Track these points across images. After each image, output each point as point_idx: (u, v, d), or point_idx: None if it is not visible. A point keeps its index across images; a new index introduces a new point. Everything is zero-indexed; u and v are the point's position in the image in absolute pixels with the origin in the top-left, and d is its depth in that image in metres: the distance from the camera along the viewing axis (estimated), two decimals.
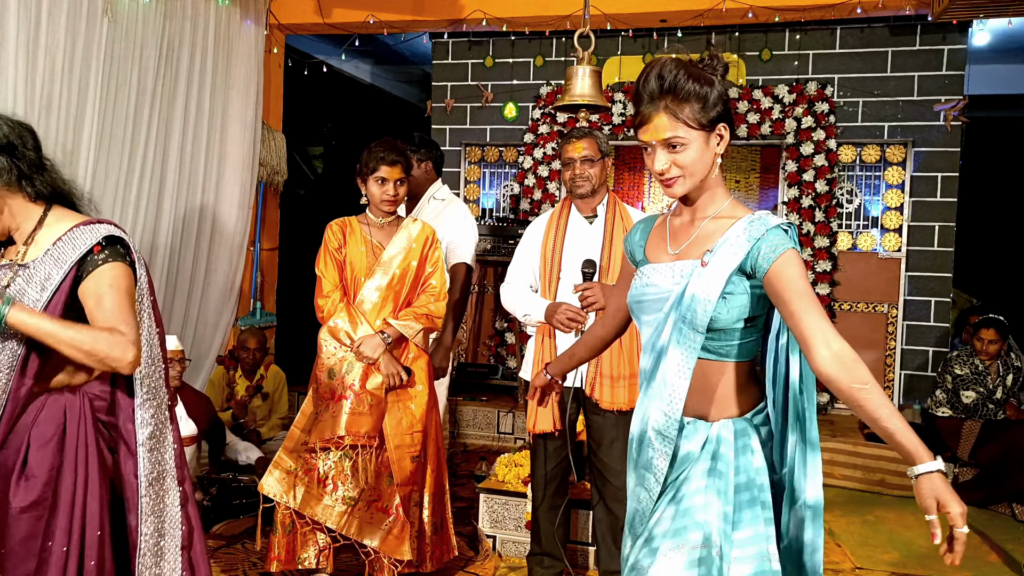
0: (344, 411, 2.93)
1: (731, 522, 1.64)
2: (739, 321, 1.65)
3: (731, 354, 1.69)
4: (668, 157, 1.66)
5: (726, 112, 1.67)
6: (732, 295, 1.64)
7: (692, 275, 1.66)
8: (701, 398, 1.72)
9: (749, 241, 1.62)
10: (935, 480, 1.46)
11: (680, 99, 1.63)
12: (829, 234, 5.80)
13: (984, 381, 4.77)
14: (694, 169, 1.66)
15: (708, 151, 1.66)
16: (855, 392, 1.50)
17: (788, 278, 1.56)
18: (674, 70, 1.64)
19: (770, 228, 1.62)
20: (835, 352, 1.50)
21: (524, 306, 3.01)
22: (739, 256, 1.62)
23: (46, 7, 3.79)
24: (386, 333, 2.97)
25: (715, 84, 1.65)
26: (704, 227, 1.71)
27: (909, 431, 1.49)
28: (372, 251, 3.04)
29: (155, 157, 4.62)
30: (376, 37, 6.41)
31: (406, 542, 2.93)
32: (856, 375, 1.50)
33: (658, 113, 1.64)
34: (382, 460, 2.97)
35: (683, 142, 1.64)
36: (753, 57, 6.01)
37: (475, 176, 6.61)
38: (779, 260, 1.57)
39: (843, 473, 4.86)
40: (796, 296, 1.55)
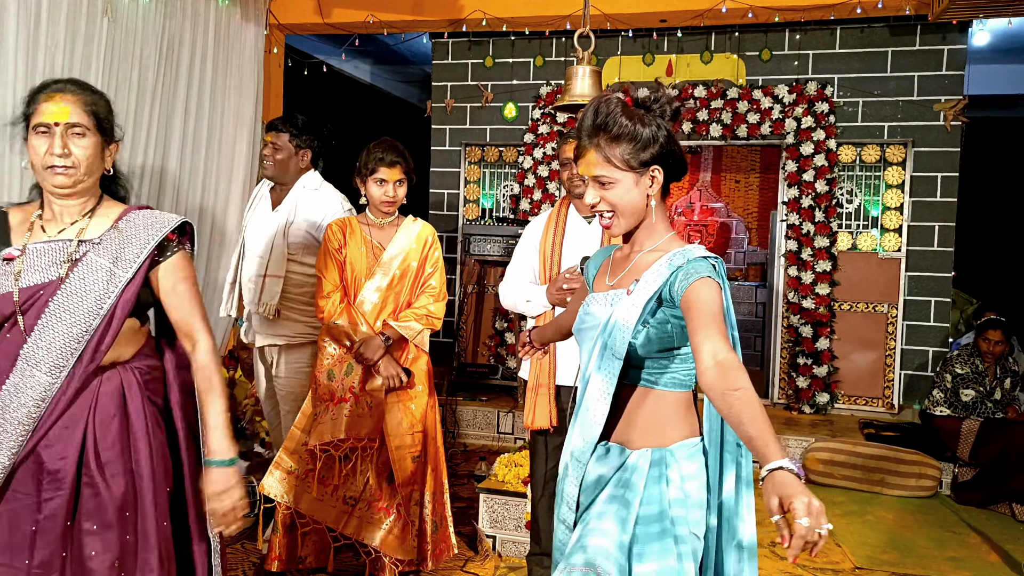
0: (344, 414, 2.93)
1: (628, 552, 1.61)
2: (662, 349, 1.65)
3: (660, 382, 1.68)
4: (598, 192, 1.67)
5: (664, 154, 1.65)
6: (656, 323, 1.64)
7: (617, 303, 1.67)
8: (627, 425, 1.71)
9: (669, 269, 1.62)
10: (777, 477, 1.37)
11: (611, 138, 1.63)
12: (829, 234, 5.80)
13: (983, 381, 4.77)
14: (623, 208, 1.67)
15: (638, 191, 1.66)
16: (727, 396, 1.47)
17: (697, 300, 1.56)
18: (608, 109, 1.64)
19: (691, 259, 1.62)
20: (719, 361, 1.48)
21: (525, 294, 2.99)
22: (658, 284, 1.62)
23: (46, 6, 3.79)
24: (386, 335, 2.97)
25: (650, 125, 1.64)
26: (638, 260, 1.72)
27: (767, 434, 1.42)
28: (372, 251, 3.04)
29: (155, 157, 4.62)
30: (376, 37, 6.41)
31: (407, 541, 2.93)
32: (731, 381, 1.47)
33: (589, 149, 1.66)
34: (383, 460, 2.97)
35: (610, 181, 1.65)
36: (753, 57, 6.01)
37: (475, 176, 6.61)
38: (693, 285, 1.57)
39: (843, 473, 4.86)
40: (699, 315, 1.55)
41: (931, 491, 4.72)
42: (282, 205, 3.36)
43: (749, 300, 8.22)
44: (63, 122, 1.77)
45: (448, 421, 5.60)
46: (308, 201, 3.36)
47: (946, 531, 4.19)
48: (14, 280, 1.76)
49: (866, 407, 5.84)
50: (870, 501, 4.63)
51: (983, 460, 4.59)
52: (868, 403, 5.85)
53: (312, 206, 3.35)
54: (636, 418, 1.71)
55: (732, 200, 9.53)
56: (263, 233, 3.36)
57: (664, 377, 1.68)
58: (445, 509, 3.16)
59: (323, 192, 3.43)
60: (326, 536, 3.05)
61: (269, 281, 3.29)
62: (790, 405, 5.88)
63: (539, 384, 2.93)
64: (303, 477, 2.97)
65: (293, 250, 3.31)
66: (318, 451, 2.94)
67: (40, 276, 1.78)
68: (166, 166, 4.71)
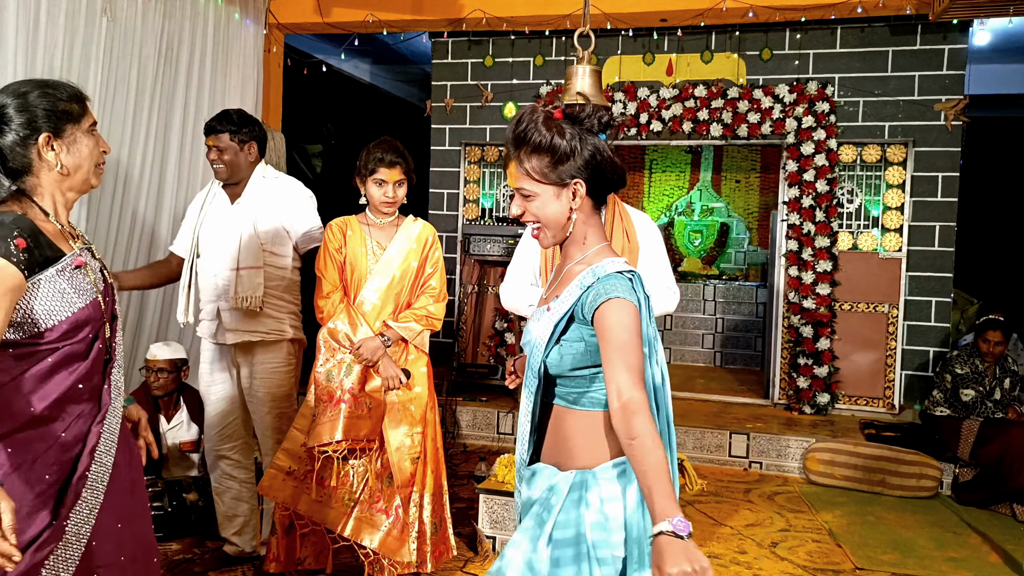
0: (342, 415, 2.92)
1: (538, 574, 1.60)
2: (577, 368, 1.62)
3: (580, 402, 1.64)
4: (521, 204, 1.66)
5: (588, 168, 1.62)
6: (567, 341, 1.61)
7: (540, 319, 1.67)
8: (555, 445, 1.69)
9: (580, 288, 1.60)
10: (659, 543, 1.36)
11: (530, 150, 1.62)
12: (830, 234, 5.79)
13: (983, 381, 4.77)
14: (546, 221, 1.65)
15: (559, 205, 1.64)
16: (626, 444, 1.47)
17: (606, 327, 1.54)
18: (527, 121, 1.61)
19: (602, 277, 1.59)
20: (623, 404, 1.47)
21: (527, 298, 2.99)
22: (569, 303, 1.61)
23: (45, 6, 3.78)
24: (386, 336, 2.96)
25: (572, 139, 1.60)
26: (565, 274, 1.69)
27: (660, 489, 1.41)
28: (372, 252, 3.03)
29: (154, 156, 4.61)
30: (376, 36, 6.40)
31: (406, 543, 2.92)
32: (628, 429, 1.46)
33: (512, 161, 1.65)
34: (382, 462, 2.97)
35: (528, 193, 1.64)
36: (753, 56, 6.01)
37: (475, 176, 6.60)
38: (600, 308, 1.55)
39: (843, 473, 4.86)
40: (608, 345, 1.53)
41: (932, 491, 4.71)
42: (242, 198, 3.25)
43: (749, 300, 8.22)
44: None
45: (448, 421, 5.59)
46: (272, 191, 3.27)
47: (947, 531, 4.19)
48: (94, 286, 1.74)
49: (867, 407, 5.84)
50: (871, 501, 4.63)
51: (983, 460, 4.59)
52: (869, 403, 5.84)
53: (278, 195, 3.26)
54: (559, 439, 1.68)
55: (733, 200, 9.52)
56: (226, 228, 3.23)
57: (583, 397, 1.64)
58: (444, 511, 3.15)
59: (284, 180, 3.34)
60: (325, 537, 3.04)
61: (247, 273, 3.17)
62: (791, 405, 5.87)
63: None
64: (302, 478, 2.97)
65: (264, 240, 3.21)
66: (316, 452, 2.93)
67: (100, 282, 1.78)
68: (165, 165, 4.71)
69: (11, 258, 1.59)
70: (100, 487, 1.75)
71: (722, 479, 4.96)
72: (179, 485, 3.77)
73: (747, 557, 3.76)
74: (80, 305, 1.70)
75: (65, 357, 1.69)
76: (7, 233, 1.60)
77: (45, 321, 1.66)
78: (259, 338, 3.23)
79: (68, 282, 1.69)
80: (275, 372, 3.26)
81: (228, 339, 3.23)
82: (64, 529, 1.67)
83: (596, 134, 1.65)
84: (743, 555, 3.78)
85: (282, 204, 3.25)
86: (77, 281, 1.71)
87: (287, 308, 3.29)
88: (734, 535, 4.03)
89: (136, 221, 4.53)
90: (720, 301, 8.26)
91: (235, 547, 3.38)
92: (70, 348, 1.69)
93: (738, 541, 3.96)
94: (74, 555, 1.69)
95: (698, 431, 5.30)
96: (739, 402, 6.18)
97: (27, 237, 1.62)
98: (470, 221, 6.54)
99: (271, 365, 3.25)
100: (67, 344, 1.69)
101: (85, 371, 1.71)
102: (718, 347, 8.12)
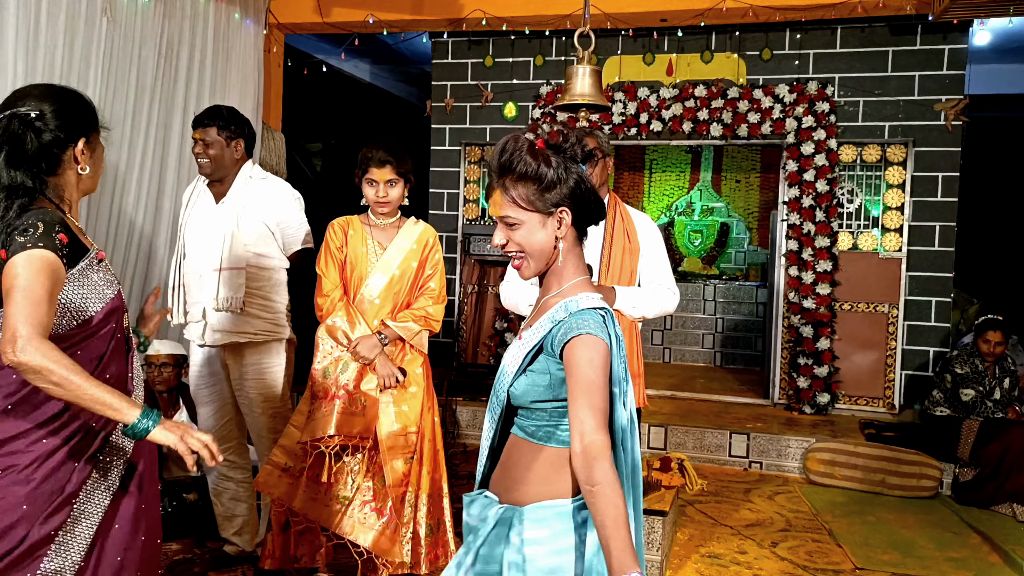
0: (335, 411, 2.91)
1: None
2: (539, 400, 1.59)
3: (537, 435, 1.61)
4: (505, 233, 1.64)
5: (573, 197, 1.61)
6: (533, 372, 1.60)
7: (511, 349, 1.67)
8: (503, 474, 1.67)
9: (551, 322, 1.59)
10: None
11: (516, 178, 1.60)
12: (830, 234, 5.79)
13: (983, 381, 4.77)
14: (531, 250, 1.63)
15: (545, 233, 1.62)
16: (584, 492, 1.45)
17: (573, 363, 1.51)
18: (513, 149, 1.60)
19: (574, 312, 1.57)
20: (584, 447, 1.45)
21: (527, 298, 2.99)
22: (540, 334, 1.60)
23: (45, 6, 3.78)
24: (383, 334, 2.96)
25: (557, 167, 1.60)
26: (543, 304, 1.68)
27: (618, 541, 1.39)
28: (373, 251, 3.03)
29: (154, 156, 4.61)
30: (376, 37, 6.40)
31: (398, 544, 2.91)
32: (588, 475, 1.43)
33: (497, 189, 1.64)
34: (376, 461, 2.96)
35: (514, 221, 1.62)
36: (754, 56, 6.01)
37: (475, 176, 6.60)
38: (569, 343, 1.53)
39: (843, 473, 4.86)
40: (575, 382, 1.50)
41: (932, 491, 4.71)
42: (228, 197, 3.20)
43: (749, 300, 8.22)
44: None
45: (448, 422, 5.60)
46: (258, 191, 3.22)
47: (947, 531, 4.19)
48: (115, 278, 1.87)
49: (867, 407, 5.84)
50: (871, 501, 4.63)
51: (983, 460, 4.59)
52: (869, 403, 5.84)
53: (264, 196, 3.22)
54: (506, 470, 1.67)
55: (733, 200, 9.53)
56: (210, 228, 3.19)
57: (541, 430, 1.61)
58: (443, 513, 3.13)
59: (271, 181, 3.30)
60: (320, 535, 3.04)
61: (229, 274, 3.14)
62: (791, 405, 5.87)
63: None
64: (297, 475, 2.96)
65: (249, 241, 3.17)
66: (309, 447, 2.92)
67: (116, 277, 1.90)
68: (165, 165, 4.71)
69: (57, 252, 1.69)
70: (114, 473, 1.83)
71: (722, 479, 4.96)
72: (179, 485, 3.77)
73: (747, 557, 3.76)
74: (111, 295, 1.82)
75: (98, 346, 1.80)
76: (51, 229, 1.69)
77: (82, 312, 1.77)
78: (247, 339, 3.20)
79: (97, 274, 1.80)
80: (266, 372, 3.24)
81: (216, 340, 3.20)
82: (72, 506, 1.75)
83: (578, 163, 1.64)
84: (743, 555, 3.78)
85: (268, 205, 3.21)
86: (104, 273, 1.83)
87: (275, 308, 3.25)
88: (734, 535, 4.03)
89: (135, 221, 4.53)
90: (720, 301, 8.26)
91: (235, 547, 3.38)
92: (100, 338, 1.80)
93: (738, 541, 3.96)
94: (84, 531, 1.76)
95: (698, 431, 5.30)
96: (739, 402, 6.18)
97: (68, 232, 1.74)
98: (470, 221, 6.54)
99: (261, 366, 3.24)
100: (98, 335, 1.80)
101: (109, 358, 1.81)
102: (718, 347, 8.12)
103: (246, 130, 3.25)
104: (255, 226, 3.19)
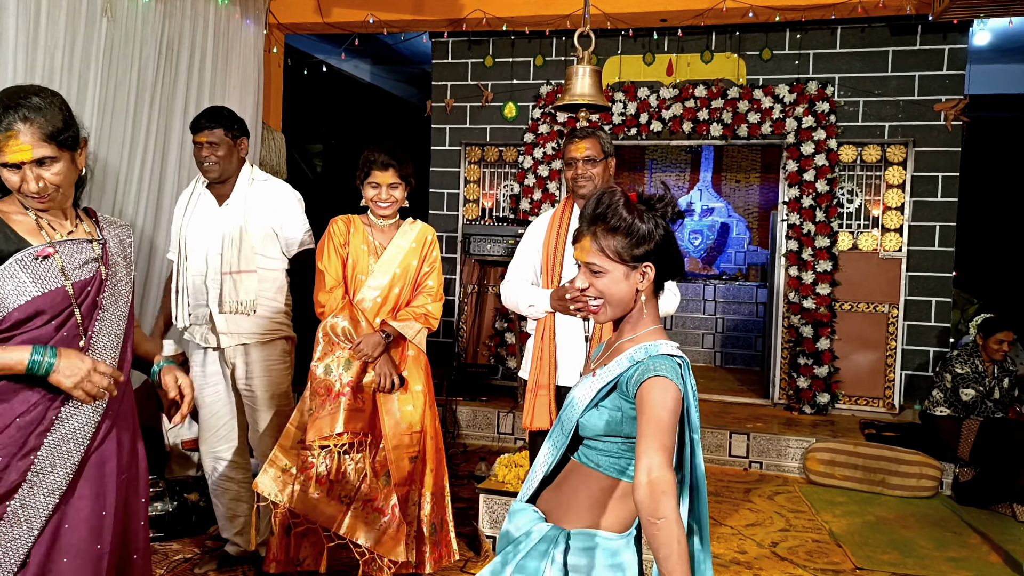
0: (342, 407, 2.91)
1: None
2: (608, 435, 1.66)
3: (601, 464, 1.68)
4: (588, 278, 1.70)
5: (659, 252, 1.67)
6: (605, 408, 1.66)
7: (583, 384, 1.72)
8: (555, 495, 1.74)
9: (629, 362, 1.64)
10: None
11: (608, 229, 1.66)
12: (830, 234, 5.79)
13: (983, 381, 4.77)
14: (611, 298, 1.69)
15: (627, 284, 1.68)
16: (649, 523, 1.48)
17: (647, 402, 1.56)
18: (611, 201, 1.67)
19: (653, 356, 1.63)
20: (651, 480, 1.48)
21: (528, 298, 3.00)
22: (616, 373, 1.65)
23: (45, 6, 3.78)
24: (386, 332, 2.96)
25: (648, 222, 1.66)
26: (615, 348, 1.74)
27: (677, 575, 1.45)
28: (374, 251, 3.04)
29: (154, 156, 4.61)
30: (376, 37, 6.41)
31: (402, 543, 2.91)
32: (654, 508, 1.47)
33: (586, 236, 1.69)
34: (378, 459, 2.96)
35: (601, 270, 1.68)
36: (753, 56, 6.01)
37: (475, 176, 6.60)
38: (645, 383, 1.58)
39: (843, 473, 4.86)
40: (646, 420, 1.55)
41: (932, 491, 4.71)
42: (231, 200, 3.19)
43: (749, 300, 8.22)
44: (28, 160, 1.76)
45: (448, 421, 5.60)
46: (261, 193, 3.22)
47: (947, 531, 4.19)
48: (62, 276, 1.79)
49: (867, 407, 5.84)
50: (871, 501, 4.63)
51: (983, 460, 4.59)
52: (869, 403, 5.84)
53: (267, 198, 3.22)
54: (562, 492, 1.72)
55: (733, 200, 9.53)
56: (215, 231, 3.17)
57: (606, 460, 1.67)
58: (446, 512, 3.14)
59: (274, 183, 3.30)
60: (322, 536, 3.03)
61: (240, 277, 3.14)
62: (791, 405, 5.87)
63: (539, 385, 2.92)
64: (298, 476, 2.96)
65: (256, 243, 3.18)
66: (316, 447, 2.92)
67: (81, 272, 1.83)
68: (166, 165, 4.71)
69: None
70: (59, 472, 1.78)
71: (722, 479, 4.96)
72: (180, 485, 3.77)
73: (747, 557, 3.76)
74: (35, 294, 1.75)
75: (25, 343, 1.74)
76: None
77: (4, 306, 1.73)
78: (254, 340, 3.21)
79: (26, 272, 1.75)
80: (272, 370, 3.26)
81: (222, 342, 3.20)
82: (6, 507, 1.72)
83: (668, 221, 1.70)
84: (743, 555, 3.78)
85: (271, 207, 3.22)
86: (39, 271, 1.77)
87: (279, 308, 3.28)
88: (734, 535, 4.03)
89: (135, 221, 4.53)
90: (720, 301, 8.26)
91: (237, 547, 3.38)
92: (30, 334, 1.76)
93: (738, 541, 3.96)
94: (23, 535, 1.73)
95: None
96: (739, 402, 6.18)
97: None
98: (470, 221, 6.54)
99: (268, 363, 3.25)
100: (24, 332, 1.75)
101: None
102: (718, 347, 8.12)
103: (245, 128, 3.27)
104: (260, 228, 3.21)
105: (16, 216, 1.81)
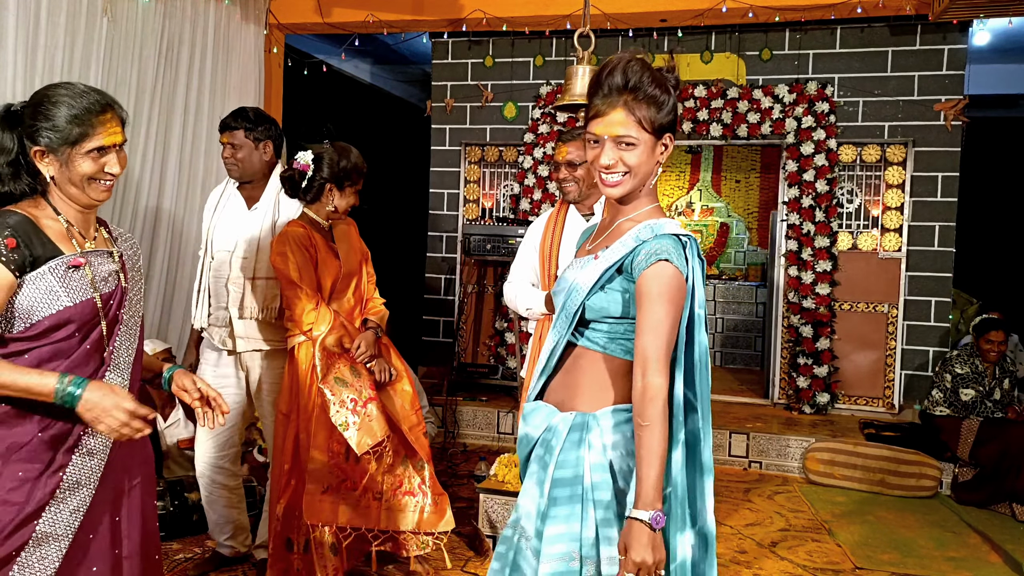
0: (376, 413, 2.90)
1: (543, 516, 1.64)
2: (613, 315, 1.64)
3: (608, 347, 1.66)
4: (616, 153, 1.64)
5: (674, 124, 1.67)
6: (611, 289, 1.64)
7: (585, 266, 1.68)
8: (564, 384, 1.72)
9: (635, 241, 1.62)
10: (632, 527, 1.50)
11: (640, 99, 1.63)
12: (829, 234, 5.79)
13: (983, 381, 4.77)
14: (638, 171, 1.65)
15: (652, 157, 1.66)
16: (636, 424, 1.52)
17: (647, 292, 1.56)
18: (640, 70, 1.63)
19: (659, 235, 1.60)
20: (644, 384, 1.52)
21: (525, 301, 3.03)
22: (620, 254, 1.62)
23: (45, 6, 3.78)
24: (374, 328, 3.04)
25: (671, 93, 1.66)
26: (617, 226, 1.70)
27: (649, 479, 1.51)
28: (333, 253, 3.04)
29: (155, 157, 4.62)
30: (376, 37, 6.40)
31: (447, 512, 3.01)
32: (642, 411, 1.52)
33: (615, 108, 1.63)
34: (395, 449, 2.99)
35: (633, 141, 1.63)
36: (753, 57, 6.01)
37: (475, 176, 6.60)
38: (649, 269, 1.56)
39: (843, 473, 4.86)
40: (644, 313, 1.55)
41: (931, 491, 4.72)
42: (260, 203, 3.17)
43: (749, 300, 8.22)
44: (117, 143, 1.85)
45: (448, 421, 5.60)
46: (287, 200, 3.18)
47: (946, 531, 4.19)
48: (91, 288, 1.76)
49: (866, 407, 5.84)
50: (870, 501, 4.63)
51: (983, 460, 4.59)
52: (868, 403, 5.84)
53: (292, 206, 3.18)
54: (571, 379, 1.71)
55: (732, 200, 9.52)
56: (242, 233, 3.14)
57: (612, 343, 1.65)
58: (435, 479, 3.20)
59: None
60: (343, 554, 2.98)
61: (264, 284, 3.10)
62: (790, 405, 5.88)
63: None
64: (337, 490, 2.91)
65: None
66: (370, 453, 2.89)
67: (106, 285, 1.81)
68: (166, 166, 4.71)
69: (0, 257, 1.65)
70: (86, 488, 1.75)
71: (722, 479, 4.96)
72: (180, 484, 3.77)
73: (747, 557, 3.76)
74: (67, 304, 1.72)
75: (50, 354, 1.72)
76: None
77: (28, 317, 1.70)
78: (269, 347, 3.16)
79: (59, 281, 1.72)
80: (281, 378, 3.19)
81: (239, 347, 3.15)
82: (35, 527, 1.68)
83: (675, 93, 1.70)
84: (743, 555, 3.79)
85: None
86: (70, 280, 1.73)
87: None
88: (734, 535, 4.03)
89: (135, 222, 4.54)
90: (720, 301, 8.26)
91: (230, 548, 3.36)
92: (55, 346, 1.72)
93: (738, 541, 3.96)
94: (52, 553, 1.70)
95: None
96: (739, 402, 6.18)
97: (19, 237, 1.68)
98: (470, 221, 6.54)
99: (279, 371, 3.18)
100: (50, 343, 1.72)
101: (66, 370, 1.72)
102: (718, 347, 8.12)
103: (273, 131, 3.21)
104: None
105: (46, 221, 1.76)
